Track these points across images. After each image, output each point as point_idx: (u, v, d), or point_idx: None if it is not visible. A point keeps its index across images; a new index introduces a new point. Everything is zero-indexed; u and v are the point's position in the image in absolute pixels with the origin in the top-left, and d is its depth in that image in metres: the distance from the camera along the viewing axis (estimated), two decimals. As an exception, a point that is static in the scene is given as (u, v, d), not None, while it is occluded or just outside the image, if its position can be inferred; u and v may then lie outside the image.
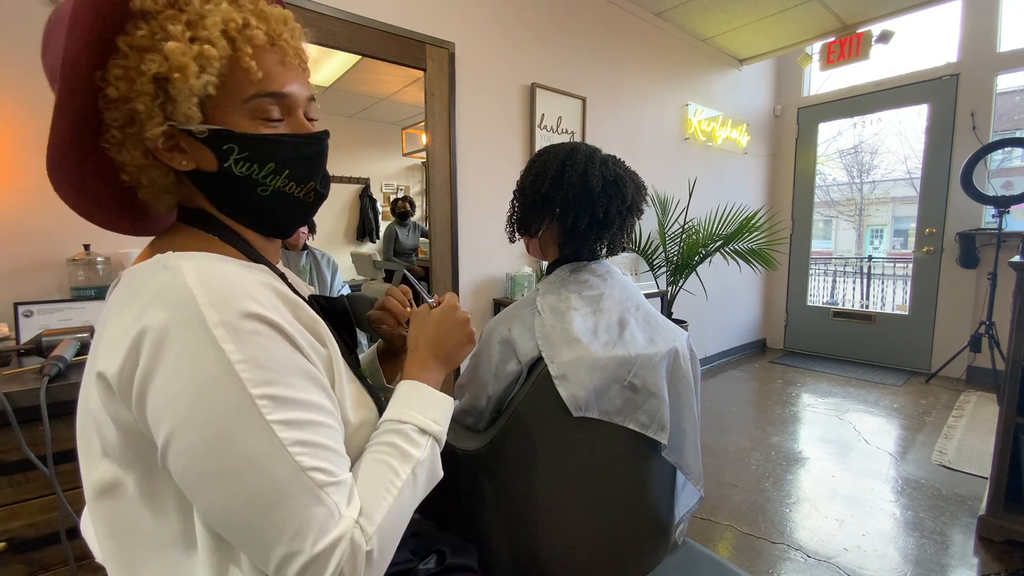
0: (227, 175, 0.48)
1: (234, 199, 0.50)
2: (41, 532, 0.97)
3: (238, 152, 0.47)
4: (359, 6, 1.87)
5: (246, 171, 0.48)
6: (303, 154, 0.51)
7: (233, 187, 0.49)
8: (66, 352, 1.03)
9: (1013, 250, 3.08)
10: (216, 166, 0.48)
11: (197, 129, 0.45)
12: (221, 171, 0.48)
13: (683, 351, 0.83)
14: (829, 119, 4.17)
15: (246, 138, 0.47)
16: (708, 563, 0.93)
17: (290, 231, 0.56)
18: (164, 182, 0.49)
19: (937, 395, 3.18)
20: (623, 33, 2.94)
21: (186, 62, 0.42)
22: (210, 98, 0.45)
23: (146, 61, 0.42)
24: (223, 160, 0.47)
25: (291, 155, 0.50)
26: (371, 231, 3.97)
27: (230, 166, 0.47)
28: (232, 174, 0.48)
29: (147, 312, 0.40)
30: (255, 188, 0.49)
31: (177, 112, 0.44)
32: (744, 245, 2.74)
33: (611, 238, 0.85)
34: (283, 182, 0.50)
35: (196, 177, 0.49)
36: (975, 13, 3.31)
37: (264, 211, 0.52)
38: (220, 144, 0.47)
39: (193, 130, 0.45)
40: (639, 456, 0.80)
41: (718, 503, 1.93)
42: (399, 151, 4.08)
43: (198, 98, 0.44)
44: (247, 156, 0.48)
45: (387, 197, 4.09)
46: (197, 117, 0.45)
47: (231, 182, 0.48)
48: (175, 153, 0.47)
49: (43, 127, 0.43)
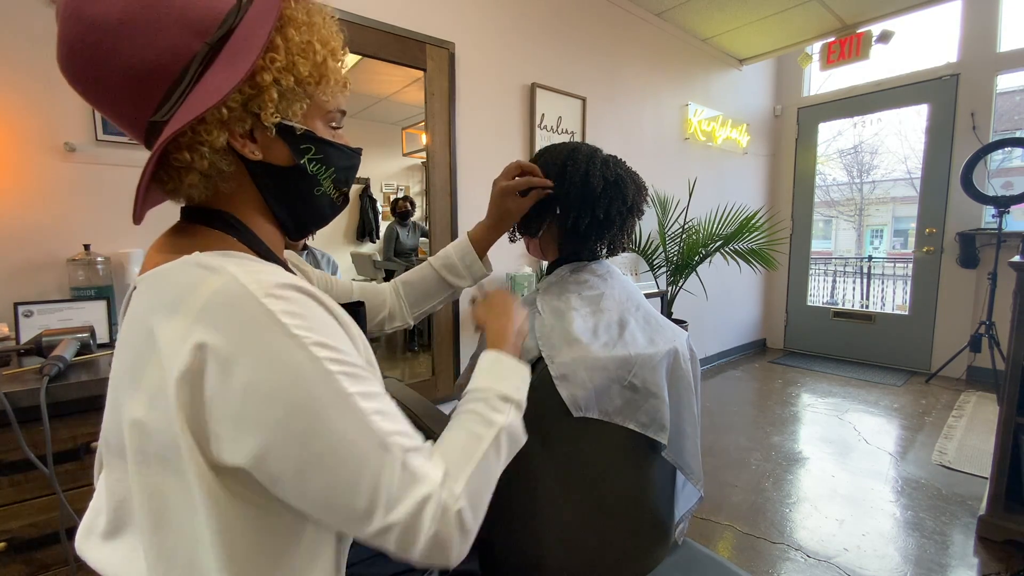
0: (298, 171, 0.52)
1: (292, 194, 0.53)
2: (41, 532, 0.96)
3: (314, 152, 0.52)
4: (359, 6, 1.87)
5: (315, 170, 0.53)
6: (349, 164, 0.57)
7: (297, 182, 0.52)
8: (66, 352, 1.03)
9: (1013, 250, 3.08)
10: (291, 161, 0.51)
11: (297, 127, 0.50)
12: (295, 167, 0.51)
13: (683, 351, 0.83)
14: (829, 119, 4.17)
15: (323, 142, 0.52)
16: (708, 563, 0.93)
17: (312, 232, 0.60)
18: (223, 170, 0.48)
19: (937, 395, 3.18)
20: (623, 33, 2.94)
21: (324, 72, 0.49)
22: (320, 104, 0.51)
23: (298, 61, 0.47)
24: (299, 157, 0.51)
25: (343, 163, 0.56)
26: (371, 231, 3.97)
27: (304, 164, 0.52)
28: (303, 171, 0.52)
29: (204, 317, 0.39)
30: (314, 187, 0.53)
31: (289, 110, 0.48)
32: (744, 245, 2.74)
33: (611, 238, 0.85)
34: (330, 185, 0.55)
35: (258, 168, 0.50)
36: (975, 13, 3.31)
37: (310, 208, 0.55)
38: (301, 143, 0.51)
39: (295, 127, 0.50)
40: (639, 456, 0.80)
41: (718, 503, 1.93)
42: (399, 151, 4.08)
43: (305, 104, 0.49)
44: (321, 158, 0.52)
45: (387, 197, 4.09)
46: (299, 116, 0.50)
47: (298, 178, 0.52)
48: (247, 142, 0.48)
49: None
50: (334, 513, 0.42)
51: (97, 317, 1.29)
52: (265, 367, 0.39)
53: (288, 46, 0.46)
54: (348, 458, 0.40)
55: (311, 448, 0.40)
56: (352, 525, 0.42)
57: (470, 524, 0.46)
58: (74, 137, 1.36)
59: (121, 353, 0.46)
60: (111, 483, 0.48)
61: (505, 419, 0.54)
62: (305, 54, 0.47)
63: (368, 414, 0.42)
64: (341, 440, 0.40)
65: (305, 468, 0.40)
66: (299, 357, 0.40)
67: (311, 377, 0.40)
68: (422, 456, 0.45)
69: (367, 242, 3.99)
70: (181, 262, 0.43)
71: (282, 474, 0.40)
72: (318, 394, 0.40)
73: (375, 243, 3.95)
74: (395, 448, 0.42)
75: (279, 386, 0.39)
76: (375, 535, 0.41)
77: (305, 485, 0.41)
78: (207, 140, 0.45)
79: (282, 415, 0.39)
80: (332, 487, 0.41)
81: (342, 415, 0.41)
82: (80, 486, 1.00)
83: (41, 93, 1.31)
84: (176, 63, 0.42)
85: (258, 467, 0.40)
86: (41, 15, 1.31)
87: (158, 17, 0.41)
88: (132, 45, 0.41)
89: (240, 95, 0.45)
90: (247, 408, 0.39)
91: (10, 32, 1.28)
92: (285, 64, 0.46)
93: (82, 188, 1.38)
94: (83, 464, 1.00)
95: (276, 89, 0.46)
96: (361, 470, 0.41)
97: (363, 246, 4.00)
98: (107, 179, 1.42)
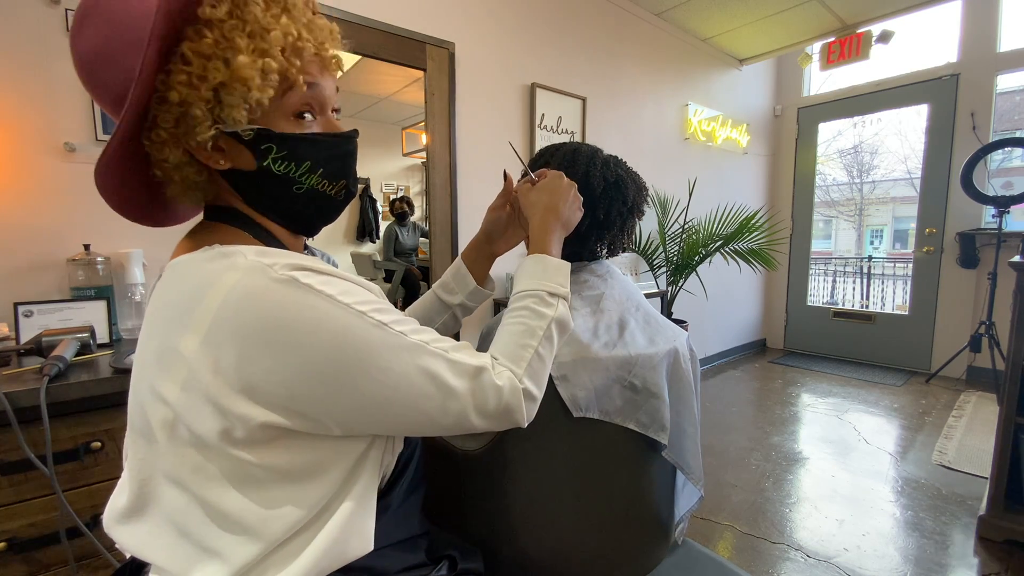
0: (265, 174, 0.50)
1: (269, 197, 0.52)
2: (41, 532, 0.96)
3: (276, 151, 0.49)
4: (359, 6, 1.87)
5: (283, 169, 0.50)
6: (336, 153, 0.53)
7: (270, 185, 0.51)
8: (66, 352, 1.03)
9: (1013, 250, 3.08)
10: (254, 165, 0.49)
11: (244, 132, 0.47)
12: (259, 170, 0.49)
13: (683, 351, 0.83)
14: (829, 119, 4.17)
15: (285, 137, 0.49)
16: (708, 563, 0.93)
17: (319, 228, 0.59)
18: (196, 180, 0.50)
19: (937, 395, 3.18)
20: (623, 33, 2.94)
21: (251, 75, 0.44)
22: (259, 103, 0.46)
23: (210, 69, 0.43)
24: (262, 159, 0.49)
25: (325, 154, 0.52)
26: (371, 231, 3.97)
27: (268, 165, 0.49)
28: (270, 173, 0.50)
29: (229, 302, 0.42)
30: (291, 186, 0.51)
31: (228, 117, 0.45)
32: (744, 245, 2.74)
33: (611, 239, 0.85)
34: (317, 180, 0.52)
35: (231, 176, 0.51)
36: (975, 13, 3.31)
37: (298, 209, 0.54)
38: (259, 144, 0.48)
39: (240, 132, 0.47)
40: (639, 456, 0.80)
41: (718, 503, 1.93)
42: (399, 151, 4.08)
43: (249, 104, 0.45)
44: (285, 155, 0.49)
45: (387, 197, 4.09)
46: (244, 121, 0.46)
47: (268, 180, 0.50)
48: (213, 152, 0.48)
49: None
50: (414, 426, 0.50)
51: (97, 317, 1.29)
52: (306, 332, 0.43)
53: (201, 53, 0.43)
54: (407, 379, 0.47)
55: (374, 386, 0.46)
56: (431, 428, 0.51)
57: (536, 394, 0.56)
58: (74, 137, 1.36)
59: (147, 338, 0.48)
60: (134, 463, 0.50)
61: (554, 312, 0.60)
62: (223, 57, 0.43)
63: (407, 334, 0.48)
64: (395, 368, 0.46)
65: (370, 404, 0.46)
66: (329, 309, 0.44)
67: (349, 323, 0.45)
68: (464, 350, 0.53)
69: (367, 242, 3.99)
70: (202, 251, 0.47)
71: (349, 416, 0.46)
72: (360, 335, 0.45)
73: (375, 243, 3.96)
74: (438, 351, 0.50)
75: (324, 343, 0.43)
76: (455, 424, 0.50)
77: (378, 417, 0.48)
78: (161, 158, 0.47)
79: (339, 369, 0.44)
80: (403, 412, 0.48)
81: (387, 345, 0.46)
82: (80, 486, 1.00)
83: (41, 93, 1.31)
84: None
85: (326, 424, 0.46)
86: (42, 15, 1.31)
87: (119, 44, 0.44)
88: (110, 73, 0.45)
89: (166, 114, 0.45)
90: (300, 380, 0.43)
91: (10, 32, 1.28)
92: (194, 76, 0.43)
93: (82, 188, 1.38)
94: (83, 464, 1.00)
95: (200, 103, 0.44)
96: (422, 381, 0.48)
97: (363, 246, 4.00)
98: (107, 179, 1.42)
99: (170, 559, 0.47)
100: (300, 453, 0.46)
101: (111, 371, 1.04)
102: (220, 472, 0.45)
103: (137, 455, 0.49)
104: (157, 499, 0.48)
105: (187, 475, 0.45)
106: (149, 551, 0.49)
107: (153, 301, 0.49)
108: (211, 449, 0.44)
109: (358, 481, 0.50)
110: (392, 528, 0.57)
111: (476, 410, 0.51)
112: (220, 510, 0.45)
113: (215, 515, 0.46)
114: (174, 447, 0.45)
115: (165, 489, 0.47)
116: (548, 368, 0.60)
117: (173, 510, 0.47)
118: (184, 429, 0.44)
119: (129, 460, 0.51)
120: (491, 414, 0.52)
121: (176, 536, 0.47)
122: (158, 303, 0.48)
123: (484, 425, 0.52)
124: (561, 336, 0.62)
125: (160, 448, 0.46)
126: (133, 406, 0.50)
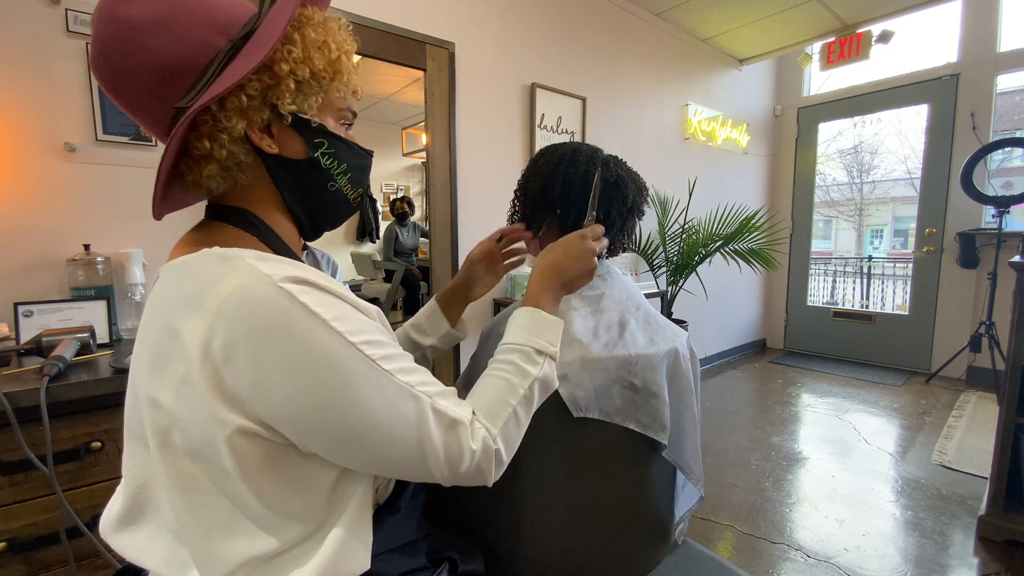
0: (312, 164, 0.53)
1: (305, 188, 0.55)
2: (41, 532, 0.96)
3: (327, 146, 0.53)
4: (359, 6, 1.87)
5: (328, 164, 0.54)
6: (361, 163, 0.58)
7: (312, 176, 0.54)
8: (66, 352, 1.03)
9: (1013, 250, 3.08)
10: (304, 154, 0.52)
11: (312, 120, 0.52)
12: (308, 160, 0.53)
13: (683, 351, 0.83)
14: (829, 119, 4.17)
15: (335, 137, 0.54)
16: (708, 563, 0.93)
17: (323, 232, 0.60)
18: (242, 160, 0.50)
19: (937, 395, 3.18)
20: (623, 33, 2.94)
21: (339, 68, 0.51)
22: (327, 99, 0.52)
23: (314, 55, 0.49)
24: (313, 150, 0.52)
25: (355, 161, 0.57)
26: (371, 231, 3.97)
27: (318, 157, 0.53)
28: (318, 164, 0.53)
29: (225, 311, 0.41)
30: (327, 182, 0.55)
31: (304, 102, 0.50)
32: (744, 245, 2.74)
33: (612, 239, 0.85)
34: (345, 183, 0.56)
35: (274, 162, 0.52)
36: (975, 13, 3.31)
37: (323, 205, 0.56)
38: (314, 136, 0.52)
39: (309, 119, 0.51)
40: (639, 456, 0.80)
41: (718, 503, 1.93)
42: (399, 151, 4.08)
43: (320, 97, 0.51)
44: (333, 152, 0.54)
45: (387, 197, 4.09)
46: (315, 110, 0.52)
47: (312, 171, 0.53)
48: (265, 135, 0.50)
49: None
50: (384, 467, 0.48)
51: (97, 317, 1.29)
52: (295, 353, 0.42)
53: (305, 41, 0.49)
54: (388, 418, 0.45)
55: (351, 421, 0.44)
56: (403, 472, 0.49)
57: (504, 458, 0.53)
58: (74, 137, 1.36)
59: (143, 342, 0.48)
60: (130, 468, 0.50)
61: (539, 371, 0.59)
62: (320, 50, 0.49)
63: (394, 374, 0.46)
64: (378, 406, 0.45)
65: (348, 437, 0.45)
66: (321, 334, 0.43)
67: (339, 352, 0.43)
68: (449, 398, 0.51)
69: (367, 242, 3.99)
70: (200, 254, 0.45)
71: (324, 445, 0.45)
72: (348, 367, 0.44)
73: (375, 243, 3.96)
74: (423, 398, 0.48)
75: (307, 365, 0.42)
76: (422, 473, 0.48)
77: (352, 451, 0.46)
78: (226, 127, 0.47)
79: (314, 392, 0.43)
80: (378, 449, 0.46)
81: (372, 382, 0.45)
82: (80, 486, 1.00)
83: (41, 93, 1.31)
84: (202, 57, 0.46)
85: (303, 443, 0.45)
86: (42, 15, 1.31)
87: (187, 17, 0.45)
88: (163, 41, 0.44)
89: (259, 83, 0.47)
90: (283, 398, 0.42)
91: (11, 32, 1.28)
92: (301, 56, 0.48)
93: (82, 188, 1.38)
94: (83, 464, 1.00)
95: (292, 79, 0.48)
96: (401, 424, 0.46)
97: (363, 246, 4.00)
98: (107, 179, 1.41)
99: (167, 566, 0.47)
100: (288, 467, 0.46)
101: (111, 371, 1.04)
102: (212, 482, 0.44)
103: (133, 461, 0.49)
104: (154, 505, 0.48)
105: (180, 483, 0.45)
106: (147, 557, 0.49)
107: (149, 305, 0.49)
108: (203, 458, 0.44)
109: (353, 496, 0.50)
110: (395, 532, 0.57)
111: (448, 464, 0.48)
112: (215, 519, 0.45)
113: (210, 524, 0.45)
114: (165, 455, 0.45)
115: (161, 496, 0.47)
116: (523, 431, 0.57)
117: (169, 517, 0.47)
118: (177, 436, 0.44)
119: (126, 466, 0.50)
120: (460, 475, 0.50)
121: (173, 542, 0.47)
122: (153, 307, 0.48)
123: (450, 481, 0.50)
124: (543, 396, 0.60)
125: (153, 455, 0.46)
126: (130, 411, 0.50)
